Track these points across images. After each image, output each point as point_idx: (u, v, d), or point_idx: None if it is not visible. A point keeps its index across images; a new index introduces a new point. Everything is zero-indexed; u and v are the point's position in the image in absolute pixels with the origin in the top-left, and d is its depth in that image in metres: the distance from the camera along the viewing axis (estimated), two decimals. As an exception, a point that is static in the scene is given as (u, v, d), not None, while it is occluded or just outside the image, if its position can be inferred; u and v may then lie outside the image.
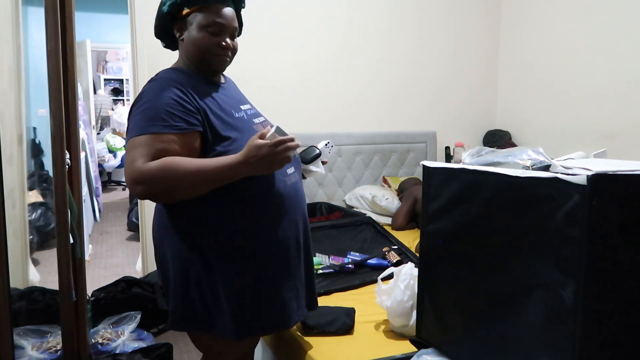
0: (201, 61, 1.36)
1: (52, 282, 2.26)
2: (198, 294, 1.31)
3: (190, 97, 1.28)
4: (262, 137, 1.19)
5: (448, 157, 3.73)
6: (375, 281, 1.79)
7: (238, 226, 1.30)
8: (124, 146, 6.80)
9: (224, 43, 1.34)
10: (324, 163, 1.65)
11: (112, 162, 6.75)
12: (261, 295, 1.32)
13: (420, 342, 1.42)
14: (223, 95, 1.39)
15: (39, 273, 3.11)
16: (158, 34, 1.42)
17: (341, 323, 1.67)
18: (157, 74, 1.36)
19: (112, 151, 6.76)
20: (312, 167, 1.60)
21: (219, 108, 1.34)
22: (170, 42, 1.43)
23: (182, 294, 1.32)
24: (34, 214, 3.79)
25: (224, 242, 1.29)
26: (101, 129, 6.96)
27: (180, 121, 1.24)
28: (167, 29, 1.38)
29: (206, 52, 1.33)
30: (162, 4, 1.34)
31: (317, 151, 1.62)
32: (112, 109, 7.04)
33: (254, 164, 1.18)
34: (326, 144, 1.66)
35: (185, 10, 1.32)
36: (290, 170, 1.42)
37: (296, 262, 1.41)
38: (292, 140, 1.20)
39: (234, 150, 1.25)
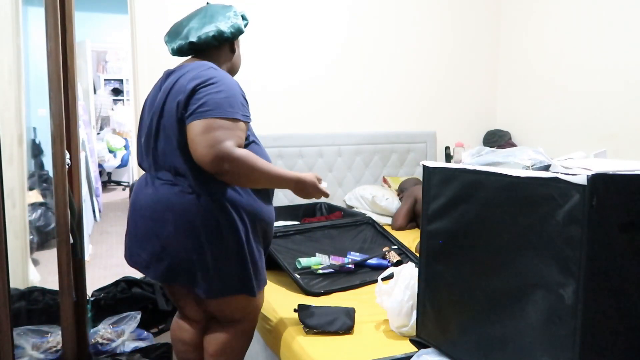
0: (235, 73, 1.72)
1: (52, 282, 2.25)
2: (240, 261, 1.53)
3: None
4: (318, 179, 1.65)
5: (448, 157, 3.73)
6: (375, 281, 1.80)
7: (260, 211, 1.60)
8: (125, 146, 6.81)
9: None
10: None
11: (112, 162, 6.74)
12: (264, 259, 1.67)
13: (420, 342, 1.42)
14: None
15: (39, 273, 3.11)
16: (212, 39, 1.59)
17: (341, 323, 1.67)
18: (211, 66, 1.53)
19: (112, 151, 6.76)
20: None
21: None
22: (207, 46, 1.60)
23: (237, 261, 1.53)
24: (34, 214, 3.79)
25: (254, 221, 1.57)
26: (101, 129, 6.96)
27: (248, 113, 1.51)
28: (220, 39, 1.61)
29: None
30: (243, 21, 1.67)
31: None
32: (112, 109, 7.03)
33: (302, 185, 1.58)
34: None
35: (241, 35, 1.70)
36: None
37: None
38: (326, 195, 1.66)
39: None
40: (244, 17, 1.69)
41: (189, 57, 1.67)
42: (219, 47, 1.64)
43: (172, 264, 1.52)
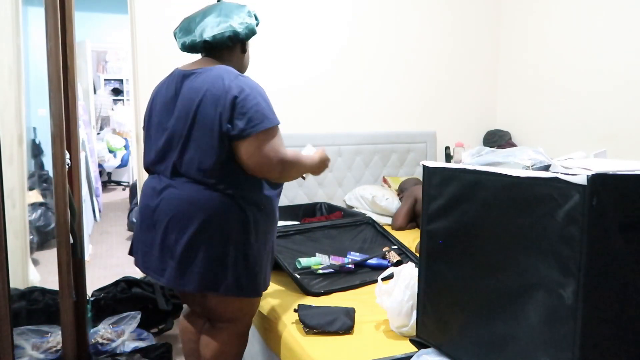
0: (243, 72, 1.70)
1: (52, 282, 2.25)
2: (254, 264, 1.57)
3: None
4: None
5: (448, 157, 3.73)
6: (375, 281, 1.79)
7: (273, 213, 1.67)
8: (125, 146, 6.81)
9: None
10: None
11: (112, 162, 6.74)
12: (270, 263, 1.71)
13: (420, 342, 1.42)
14: None
15: (39, 273, 3.11)
16: (227, 39, 1.59)
17: (341, 323, 1.67)
18: (238, 73, 1.53)
19: (112, 151, 6.76)
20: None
21: None
22: (221, 46, 1.60)
23: (246, 265, 1.56)
24: (34, 214, 3.79)
25: (268, 224, 1.63)
26: (101, 129, 6.95)
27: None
28: (234, 40, 1.61)
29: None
30: (255, 21, 1.69)
31: None
32: (112, 109, 7.03)
33: (326, 160, 1.76)
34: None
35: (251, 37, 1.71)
36: None
37: None
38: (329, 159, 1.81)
39: None
40: (255, 17, 1.70)
41: (200, 55, 1.66)
42: (231, 47, 1.65)
43: (191, 266, 1.50)
